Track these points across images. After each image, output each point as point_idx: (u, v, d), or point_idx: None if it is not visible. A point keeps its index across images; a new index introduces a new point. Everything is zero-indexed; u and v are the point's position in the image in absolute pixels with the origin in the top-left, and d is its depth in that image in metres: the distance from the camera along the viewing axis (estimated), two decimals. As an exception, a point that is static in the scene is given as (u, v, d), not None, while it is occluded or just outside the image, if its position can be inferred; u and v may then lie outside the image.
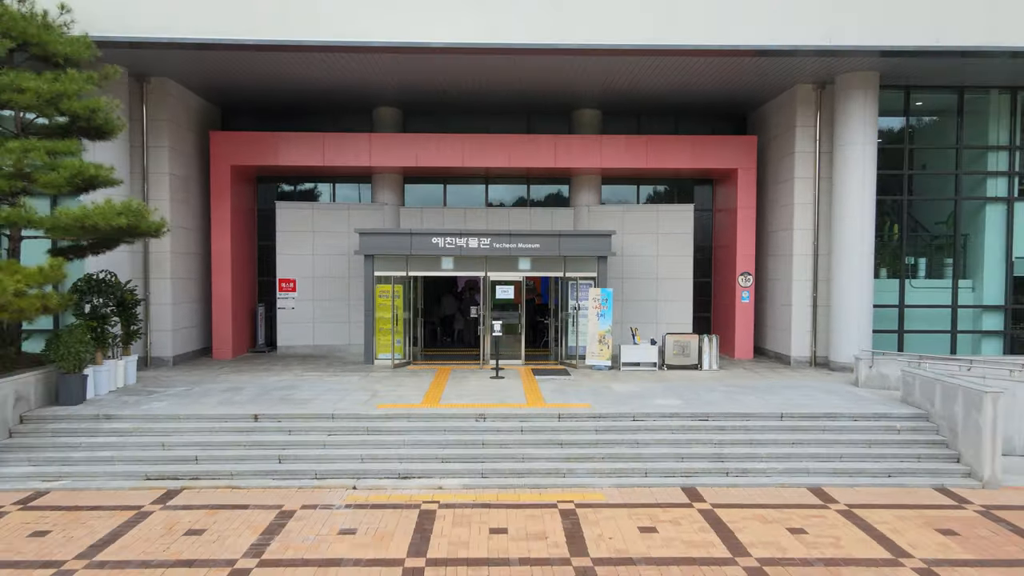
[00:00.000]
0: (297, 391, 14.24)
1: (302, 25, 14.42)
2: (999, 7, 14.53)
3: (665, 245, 20.21)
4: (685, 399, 13.65)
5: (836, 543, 8.88)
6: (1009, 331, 18.17)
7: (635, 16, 14.53)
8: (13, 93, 11.57)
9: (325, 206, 20.27)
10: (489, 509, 9.90)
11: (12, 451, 11.46)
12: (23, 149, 11.50)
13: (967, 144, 18.11)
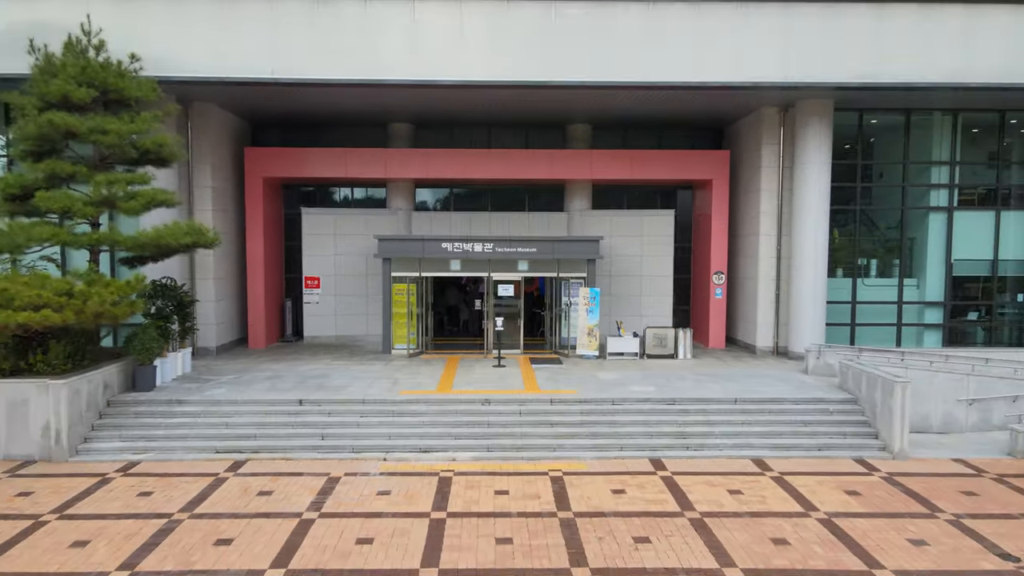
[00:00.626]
0: (330, 379, 16.82)
1: (331, 65, 16.76)
2: (926, 51, 16.88)
3: (648, 246, 22.69)
4: (658, 386, 16.25)
5: (763, 501, 11.51)
6: (947, 324, 20.73)
7: (622, 57, 16.87)
8: (99, 135, 13.98)
9: (345, 212, 22.73)
10: (494, 476, 12.51)
11: (105, 429, 14.05)
12: (108, 182, 13.95)
13: (913, 160, 20.53)
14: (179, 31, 16.47)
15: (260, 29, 16.61)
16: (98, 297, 12.87)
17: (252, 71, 16.73)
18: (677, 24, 16.90)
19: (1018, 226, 20.51)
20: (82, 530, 10.27)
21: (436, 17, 16.81)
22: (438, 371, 17.95)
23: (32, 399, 13.21)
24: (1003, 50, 17.01)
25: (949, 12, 17.03)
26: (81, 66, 14.08)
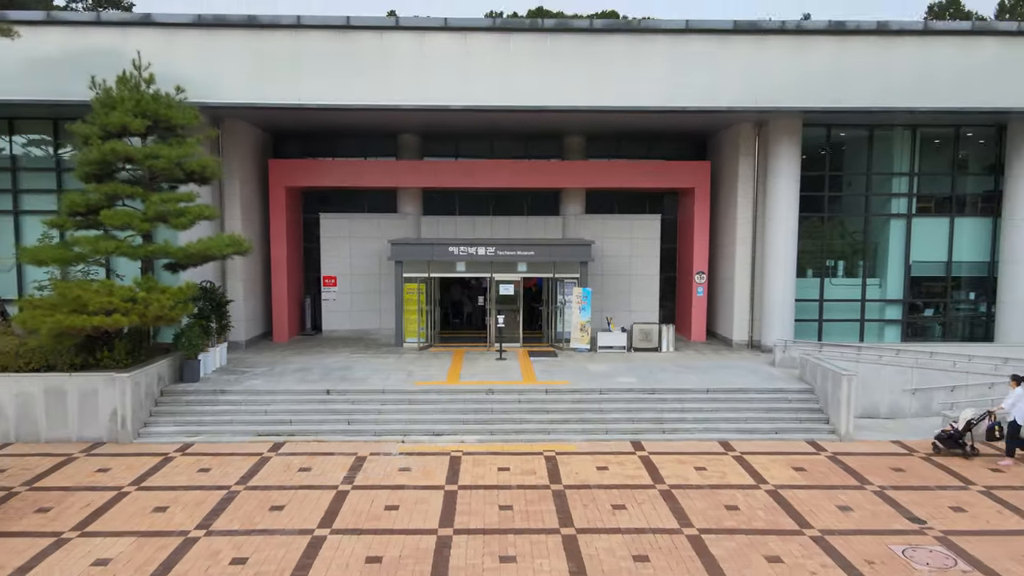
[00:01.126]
0: (352, 371, 19.02)
1: (349, 91, 18.80)
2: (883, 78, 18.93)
3: (637, 248, 24.84)
4: (640, 377, 18.46)
5: (722, 476, 13.74)
6: (906, 320, 22.92)
7: (609, 86, 18.92)
8: (152, 160, 16.07)
9: (360, 216, 24.83)
10: (497, 455, 14.74)
11: (161, 415, 16.28)
12: (162, 201, 16.07)
13: (876, 171, 22.63)
14: (215, 61, 18.51)
15: (286, 59, 18.64)
16: (157, 303, 15.04)
17: (280, 97, 18.80)
18: (660, 55, 18.92)
19: (971, 231, 22.63)
20: (159, 499, 12.51)
21: (444, 48, 18.83)
22: (446, 363, 20.16)
23: (101, 390, 15.41)
24: (951, 78, 19.05)
25: (904, 43, 19.04)
26: (136, 99, 16.13)
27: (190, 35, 18.58)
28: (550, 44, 18.80)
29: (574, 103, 19.10)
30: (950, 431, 14.99)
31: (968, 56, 19.10)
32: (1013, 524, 11.71)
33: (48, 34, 18.06)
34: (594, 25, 18.79)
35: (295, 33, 18.60)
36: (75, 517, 11.75)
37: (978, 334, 22.84)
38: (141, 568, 10.02)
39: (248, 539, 10.93)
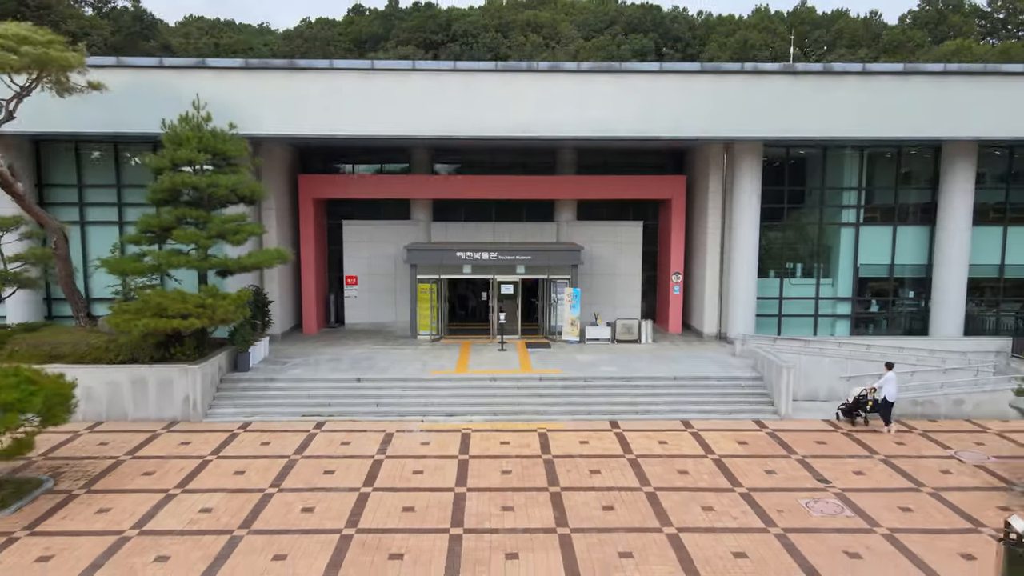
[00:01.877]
0: (375, 361, 22.49)
1: (373, 122, 22.03)
2: (829, 113, 22.20)
3: (622, 250, 28.20)
4: (620, 366, 21.93)
5: (679, 448, 17.25)
6: (854, 315, 26.36)
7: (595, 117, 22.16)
8: (213, 188, 19.39)
9: (377, 223, 28.16)
10: (499, 432, 18.24)
11: (222, 400, 19.76)
12: (222, 221, 19.43)
13: (828, 186, 25.94)
14: (259, 98, 21.75)
15: (320, 96, 21.87)
16: (222, 308, 18.47)
17: (314, 129, 22.08)
18: (638, 91, 22.15)
19: (911, 238, 25.95)
20: (235, 465, 16.02)
21: (454, 85, 22.05)
22: (455, 354, 23.63)
23: (175, 379, 18.88)
24: (888, 111, 22.31)
25: (846, 82, 22.29)
26: (199, 137, 19.41)
27: (238, 76, 21.83)
28: (544, 83, 22.03)
29: (564, 134, 22.38)
30: (846, 405, 18.69)
31: (902, 92, 22.34)
32: (897, 483, 15.24)
33: (118, 75, 21.22)
34: (581, 68, 22.02)
35: (327, 75, 21.84)
36: (175, 478, 15.27)
37: (916, 328, 26.26)
38: (236, 514, 13.54)
39: (311, 494, 14.46)
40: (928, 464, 16.37)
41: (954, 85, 22.34)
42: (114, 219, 24.80)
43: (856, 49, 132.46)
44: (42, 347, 18.89)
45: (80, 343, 19.15)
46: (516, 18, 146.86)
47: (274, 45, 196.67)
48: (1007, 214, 25.83)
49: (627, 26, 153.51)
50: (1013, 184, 25.76)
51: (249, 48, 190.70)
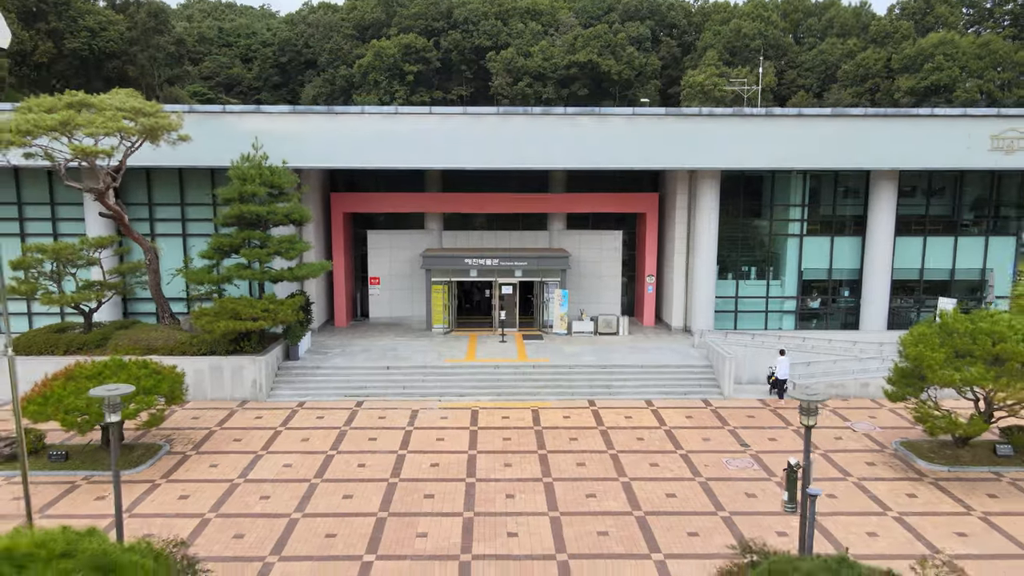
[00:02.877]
0: (399, 351, 27.54)
1: (397, 156, 26.83)
2: (772, 148, 27.03)
3: (604, 255, 33.12)
4: (599, 356, 26.99)
5: (640, 421, 22.37)
6: (798, 311, 31.36)
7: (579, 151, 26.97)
8: (271, 214, 24.29)
9: (396, 232, 33.05)
10: (501, 409, 23.35)
11: (280, 383, 24.84)
12: (279, 241, 24.36)
13: (777, 202, 30.82)
14: (303, 136, 26.54)
15: (352, 134, 26.67)
16: (283, 312, 23.50)
17: (347, 161, 26.95)
18: (616, 129, 26.93)
19: (846, 246, 30.84)
20: (300, 434, 21.14)
21: (463, 126, 26.85)
22: (464, 345, 28.70)
23: (245, 367, 23.94)
24: (821, 146, 27.13)
25: (785, 122, 27.10)
26: (260, 173, 24.26)
27: (285, 119, 26.63)
28: (538, 123, 26.85)
29: (555, 165, 27.28)
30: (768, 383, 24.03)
31: (832, 131, 27.16)
32: (798, 447, 20.31)
33: (190, 118, 25.97)
34: (568, 112, 26.80)
35: (358, 117, 26.65)
36: (258, 443, 20.40)
37: (850, 322, 31.26)
38: (310, 468, 18.67)
39: (362, 455, 19.59)
40: (828, 432, 21.49)
41: (874, 125, 27.17)
42: (178, 232, 29.67)
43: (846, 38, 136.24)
44: (140, 342, 23.93)
45: (169, 339, 24.20)
46: (516, 5, 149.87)
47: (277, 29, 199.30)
48: (927, 226, 30.74)
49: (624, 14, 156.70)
50: (932, 201, 30.64)
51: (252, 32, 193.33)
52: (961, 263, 30.96)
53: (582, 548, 14.79)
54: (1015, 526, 15.77)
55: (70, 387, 17.70)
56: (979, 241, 30.90)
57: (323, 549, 14.72)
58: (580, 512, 16.37)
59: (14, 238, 28.76)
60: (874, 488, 17.73)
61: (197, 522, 15.81)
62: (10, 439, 19.03)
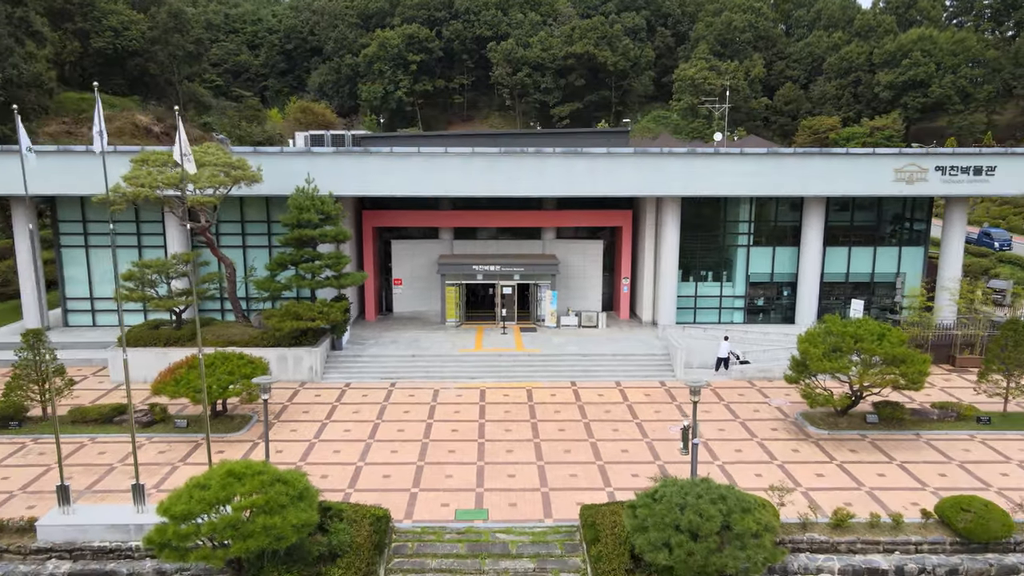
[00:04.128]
0: (421, 342, 34.48)
1: (418, 186, 33.52)
2: (716, 180, 33.71)
3: (588, 260, 39.92)
4: (580, 346, 33.94)
5: (609, 398, 29.38)
6: (746, 308, 38.25)
7: (564, 181, 33.66)
8: (323, 236, 31.03)
9: (415, 241, 39.81)
10: (503, 388, 30.37)
11: (330, 369, 31.82)
12: (329, 256, 31.16)
13: (728, 219, 37.55)
14: (341, 170, 33.19)
15: (381, 168, 33.34)
16: (333, 313, 30.41)
17: (377, 190, 33.66)
18: (597, 163, 33.56)
19: (785, 255, 37.60)
20: (352, 408, 28.16)
21: (471, 162, 33.50)
22: (473, 337, 35.64)
23: (304, 356, 30.89)
24: (756, 178, 33.80)
25: (727, 160, 33.76)
26: (313, 202, 30.95)
27: (329, 158, 33.29)
28: (533, 160, 33.51)
29: (544, 193, 33.98)
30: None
31: (769, 166, 33.82)
32: (726, 416, 27.33)
33: (252, 158, 32.62)
34: (556, 151, 33.46)
35: (388, 157, 33.29)
36: (321, 414, 27.42)
37: (788, 317, 38.08)
38: (364, 431, 25.70)
39: (400, 423, 26.62)
40: (749, 406, 28.49)
41: (802, 161, 33.84)
42: (238, 244, 36.41)
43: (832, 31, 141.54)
44: (222, 337, 30.82)
45: (244, 334, 31.11)
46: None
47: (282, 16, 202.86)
48: (851, 237, 37.52)
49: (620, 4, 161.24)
50: (856, 217, 37.38)
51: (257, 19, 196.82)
52: (879, 268, 37.83)
53: (558, 484, 21.85)
54: (858, 470, 22.81)
55: (193, 373, 24.63)
56: (894, 250, 37.73)
57: (383, 485, 21.77)
58: (559, 462, 23.41)
59: (105, 250, 35.52)
60: (770, 445, 24.77)
61: (292, 468, 22.82)
62: (147, 411, 26.04)
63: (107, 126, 74.51)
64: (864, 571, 17.74)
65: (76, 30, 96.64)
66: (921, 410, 26.90)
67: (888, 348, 24.20)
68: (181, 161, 20.02)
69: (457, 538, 18.86)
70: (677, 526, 15.46)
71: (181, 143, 19.92)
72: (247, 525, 14.97)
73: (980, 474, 22.54)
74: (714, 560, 15.22)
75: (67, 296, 36.71)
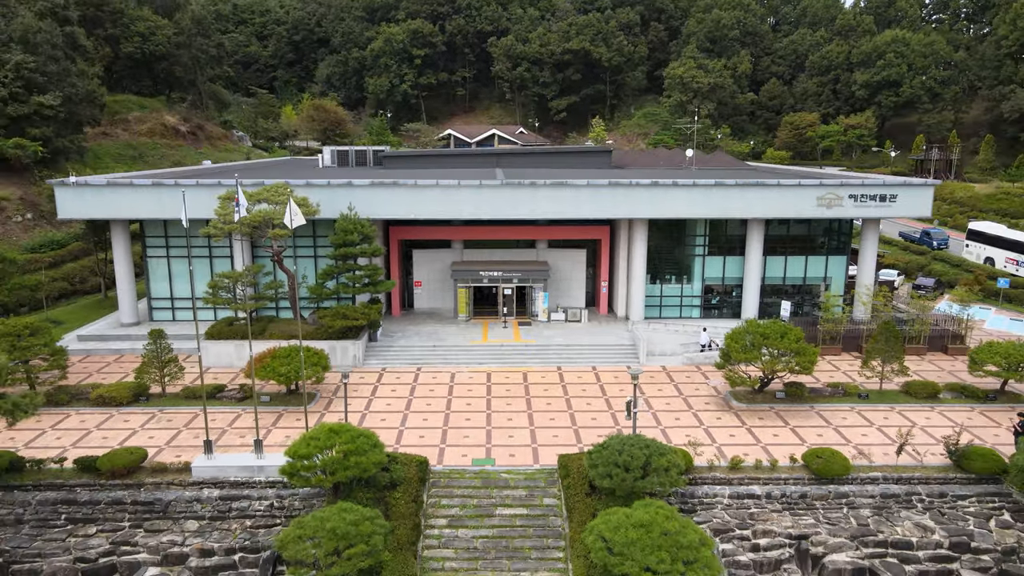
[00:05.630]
0: (439, 335, 43.32)
1: (437, 209, 42.12)
2: (673, 205, 42.29)
3: (574, 265, 48.62)
4: (566, 338, 42.79)
5: (586, 379, 38.30)
6: (702, 305, 47.01)
7: (554, 206, 42.24)
8: (360, 252, 39.68)
9: (432, 250, 48.48)
10: (504, 372, 39.29)
11: (369, 357, 40.69)
12: (368, 268, 39.88)
13: (688, 233, 46.17)
14: (375, 198, 41.74)
15: (407, 197, 41.90)
16: (373, 313, 39.23)
17: (406, 215, 42.28)
18: (580, 192, 42.11)
19: (733, 262, 46.24)
20: (389, 387, 37.10)
21: (479, 192, 42.06)
22: (480, 330, 44.48)
23: (349, 347, 39.73)
24: (705, 203, 42.35)
25: (680, 190, 42.30)
26: (355, 226, 39.56)
27: (366, 189, 41.83)
28: (529, 191, 42.06)
29: (535, 216, 42.61)
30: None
31: (717, 194, 42.37)
32: (673, 394, 36.25)
33: (302, 190, 41.14)
34: (548, 183, 41.98)
35: (412, 188, 41.83)
36: (367, 392, 36.37)
37: (736, 313, 46.82)
38: (401, 404, 34.67)
39: (428, 398, 35.57)
40: (692, 386, 37.37)
41: (744, 191, 42.39)
42: (290, 255, 45.06)
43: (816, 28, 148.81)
44: (285, 332, 39.61)
45: (302, 330, 39.88)
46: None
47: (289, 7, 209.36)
48: (787, 247, 46.17)
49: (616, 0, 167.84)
50: (791, 230, 46.00)
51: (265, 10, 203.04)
52: (810, 273, 46.58)
53: (544, 442, 30.79)
54: (760, 432, 31.71)
55: (276, 362, 33.42)
56: (823, 258, 46.44)
57: (419, 442, 30.70)
58: (545, 427, 32.34)
59: (182, 260, 44.18)
60: (701, 415, 33.68)
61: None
62: (238, 389, 34.93)
63: (139, 127, 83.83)
64: (745, 495, 26.70)
65: (107, 36, 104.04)
66: (818, 388, 35.83)
67: (788, 344, 32.99)
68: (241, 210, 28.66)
69: (474, 476, 27.83)
70: (616, 463, 24.32)
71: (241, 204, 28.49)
72: (344, 462, 23.85)
73: (847, 435, 31.46)
74: (639, 484, 24.08)
75: (152, 296, 45.48)
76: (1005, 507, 26.39)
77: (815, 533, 25.52)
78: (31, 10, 73.49)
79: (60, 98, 66.25)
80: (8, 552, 24.29)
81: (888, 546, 25.20)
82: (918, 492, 26.85)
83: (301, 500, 26.32)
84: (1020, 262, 58.87)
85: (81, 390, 34.58)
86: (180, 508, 26.06)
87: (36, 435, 30.78)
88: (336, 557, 20.76)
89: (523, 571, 24.04)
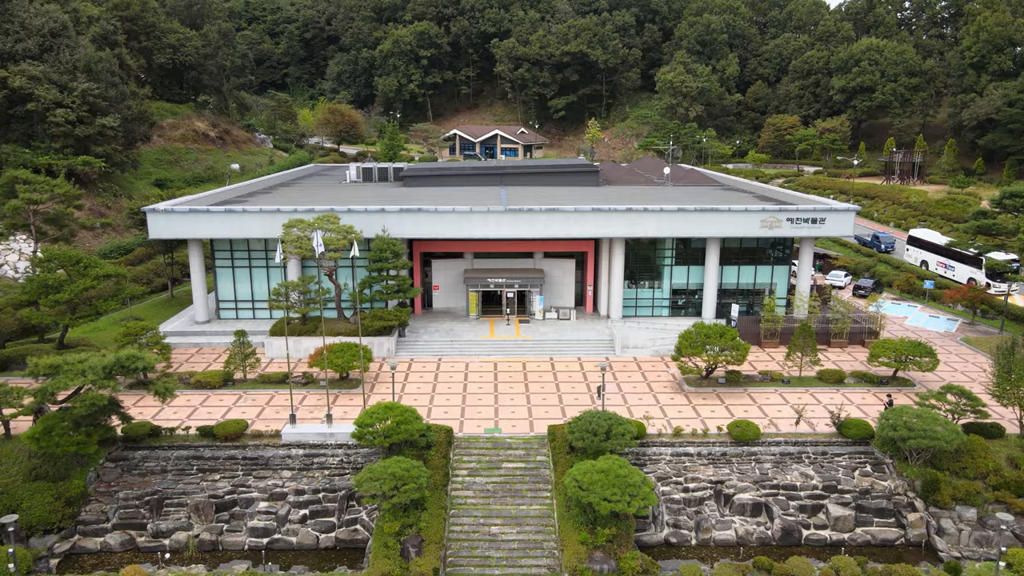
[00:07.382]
0: (455, 331, 53.53)
1: (454, 229, 52.11)
2: (645, 226, 52.24)
3: (565, 272, 58.66)
4: (557, 334, 52.99)
5: (572, 368, 48.56)
6: (670, 305, 57.10)
7: (547, 228, 52.21)
8: (391, 266, 49.73)
9: (448, 259, 58.51)
10: (508, 362, 49.56)
11: (400, 349, 50.93)
12: (399, 279, 49.95)
13: (658, 247, 56.17)
14: (402, 221, 51.70)
15: (430, 220, 51.85)
16: (403, 315, 49.40)
17: (428, 234, 52.30)
18: (569, 216, 52.04)
19: (695, 271, 56.26)
20: (418, 374, 47.42)
21: (487, 216, 51.99)
22: (487, 327, 54.68)
23: (384, 342, 49.91)
24: (675, 225, 52.33)
25: (651, 215, 52.27)
26: (389, 244, 49.55)
27: (396, 215, 51.75)
28: (527, 215, 52.01)
29: (533, 235, 52.65)
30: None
31: (680, 217, 52.30)
32: (639, 379, 46.55)
33: (347, 216, 51.06)
34: (543, 209, 51.89)
35: (433, 214, 51.78)
36: (400, 378, 46.68)
37: (698, 312, 56.81)
38: (428, 387, 45.01)
39: (448, 383, 45.88)
40: (656, 374, 47.61)
41: (703, 215, 52.28)
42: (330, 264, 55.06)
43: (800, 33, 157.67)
44: (332, 330, 49.70)
45: (345, 328, 50.02)
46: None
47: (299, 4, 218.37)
48: (741, 259, 56.18)
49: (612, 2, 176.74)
50: (744, 244, 56.01)
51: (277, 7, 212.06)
52: (759, 279, 56.65)
53: (538, 416, 41.09)
54: (701, 409, 41.95)
55: (332, 355, 43.62)
56: (769, 268, 56.50)
57: (444, 416, 40.98)
58: (539, 405, 42.64)
59: (244, 269, 54.25)
60: (659, 396, 43.94)
61: (394, 408, 42.09)
62: (301, 376, 45.24)
63: (173, 133, 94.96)
64: (682, 454, 36.97)
65: (141, 48, 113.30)
66: (752, 375, 46.07)
67: (725, 341, 43.14)
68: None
69: (486, 440, 38.12)
70: (587, 430, 34.53)
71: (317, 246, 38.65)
72: (396, 429, 34.08)
73: (767, 411, 41.70)
74: (603, 445, 34.29)
75: (219, 299, 55.67)
76: (868, 462, 36.67)
77: (729, 479, 35.80)
78: (86, 36, 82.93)
79: (119, 119, 75.93)
80: (161, 491, 34.64)
81: (779, 488, 35.48)
82: (807, 452, 37.13)
83: (363, 457, 36.63)
84: (948, 266, 68.88)
85: (182, 376, 44.87)
86: (276, 462, 36.37)
87: (158, 410, 41.10)
88: (396, 491, 31.05)
89: (521, 504, 34.39)
